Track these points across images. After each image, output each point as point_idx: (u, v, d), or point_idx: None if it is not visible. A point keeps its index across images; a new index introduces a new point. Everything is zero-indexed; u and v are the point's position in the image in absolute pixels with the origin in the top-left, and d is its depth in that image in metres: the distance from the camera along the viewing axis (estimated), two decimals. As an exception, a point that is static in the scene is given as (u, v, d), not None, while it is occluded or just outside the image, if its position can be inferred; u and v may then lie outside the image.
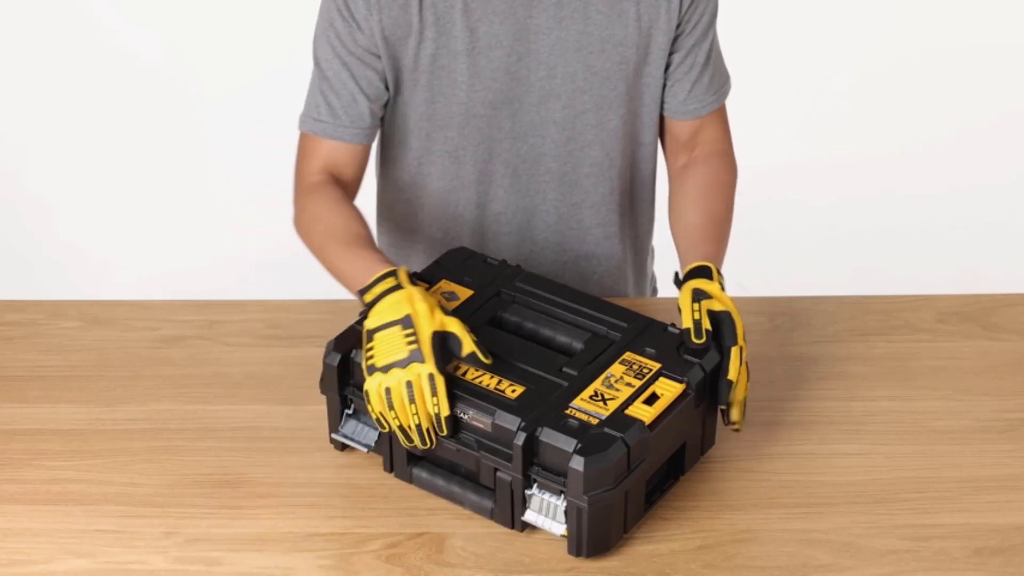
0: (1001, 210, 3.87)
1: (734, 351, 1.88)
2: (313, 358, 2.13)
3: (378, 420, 1.83)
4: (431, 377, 1.80)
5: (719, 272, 1.97)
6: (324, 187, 2.11)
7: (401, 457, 1.91)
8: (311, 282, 3.38)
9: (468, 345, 1.84)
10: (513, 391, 1.83)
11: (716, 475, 1.94)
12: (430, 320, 1.83)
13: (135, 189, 3.91)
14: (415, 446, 1.83)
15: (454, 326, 1.84)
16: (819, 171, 4.01)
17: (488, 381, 1.84)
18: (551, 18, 2.07)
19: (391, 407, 1.80)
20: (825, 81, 4.16)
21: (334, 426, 1.95)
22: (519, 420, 1.79)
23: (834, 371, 2.13)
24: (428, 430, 1.82)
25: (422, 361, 1.80)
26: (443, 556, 1.83)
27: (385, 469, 1.93)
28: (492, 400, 1.81)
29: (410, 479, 1.91)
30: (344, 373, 1.91)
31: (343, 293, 2.06)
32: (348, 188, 2.14)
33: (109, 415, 2.06)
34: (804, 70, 4.14)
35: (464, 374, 1.85)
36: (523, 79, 2.10)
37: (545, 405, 1.81)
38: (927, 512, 1.89)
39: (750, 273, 3.39)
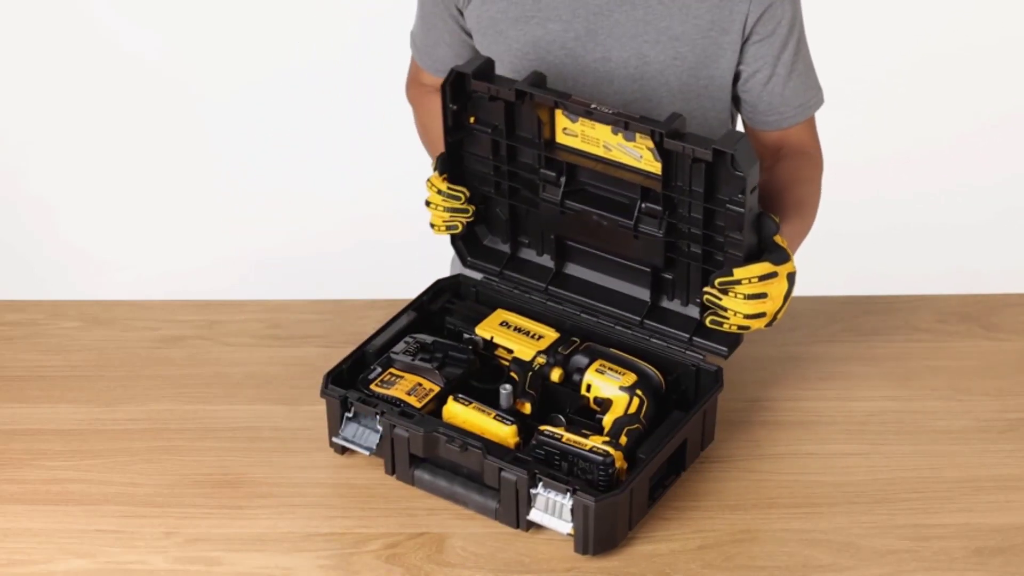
0: (1001, 210, 3.87)
1: (762, 266, 1.86)
2: (313, 358, 2.13)
3: None
4: None
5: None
6: (420, 97, 2.26)
7: (403, 459, 1.90)
8: (311, 282, 3.40)
9: None
10: None
11: (716, 475, 1.94)
12: None
13: (135, 189, 3.91)
14: None
15: None
16: (819, 171, 4.00)
17: None
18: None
19: None
20: (824, 82, 4.16)
21: (334, 429, 1.95)
22: None
23: (834, 371, 2.13)
24: None
25: None
26: (443, 556, 1.83)
27: (387, 472, 1.93)
28: None
29: (412, 481, 1.91)
30: None
31: (343, 293, 2.07)
32: None
33: (109, 415, 2.06)
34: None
35: None
36: (579, 58, 2.10)
37: None
38: (927, 512, 1.89)
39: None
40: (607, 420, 1.91)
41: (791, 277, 1.88)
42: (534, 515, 1.83)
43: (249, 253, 3.76)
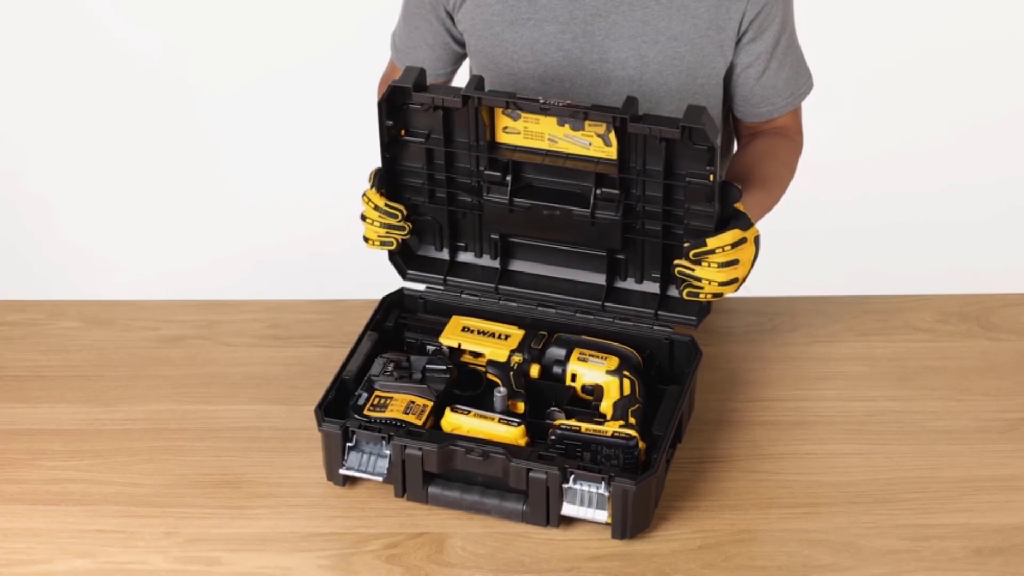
0: (1001, 209, 3.87)
1: (731, 234, 1.89)
2: (313, 358, 2.13)
3: None
4: None
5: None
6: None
7: (416, 479, 1.88)
8: (311, 282, 3.40)
9: None
10: None
11: (716, 475, 1.95)
12: None
13: (135, 189, 3.91)
14: None
15: None
16: (818, 171, 3.99)
17: None
18: (610, 0, 2.07)
19: None
20: (824, 81, 4.17)
21: (336, 462, 1.91)
22: None
23: (834, 371, 2.13)
24: None
25: None
26: (443, 556, 1.83)
27: (396, 495, 1.90)
28: None
29: (426, 500, 1.89)
30: None
31: (343, 293, 2.07)
32: None
33: (109, 415, 2.06)
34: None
35: None
36: (576, 60, 2.10)
37: None
38: (927, 512, 1.89)
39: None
40: (605, 405, 1.93)
41: (757, 241, 1.93)
42: (568, 509, 1.83)
43: (249, 253, 3.76)
